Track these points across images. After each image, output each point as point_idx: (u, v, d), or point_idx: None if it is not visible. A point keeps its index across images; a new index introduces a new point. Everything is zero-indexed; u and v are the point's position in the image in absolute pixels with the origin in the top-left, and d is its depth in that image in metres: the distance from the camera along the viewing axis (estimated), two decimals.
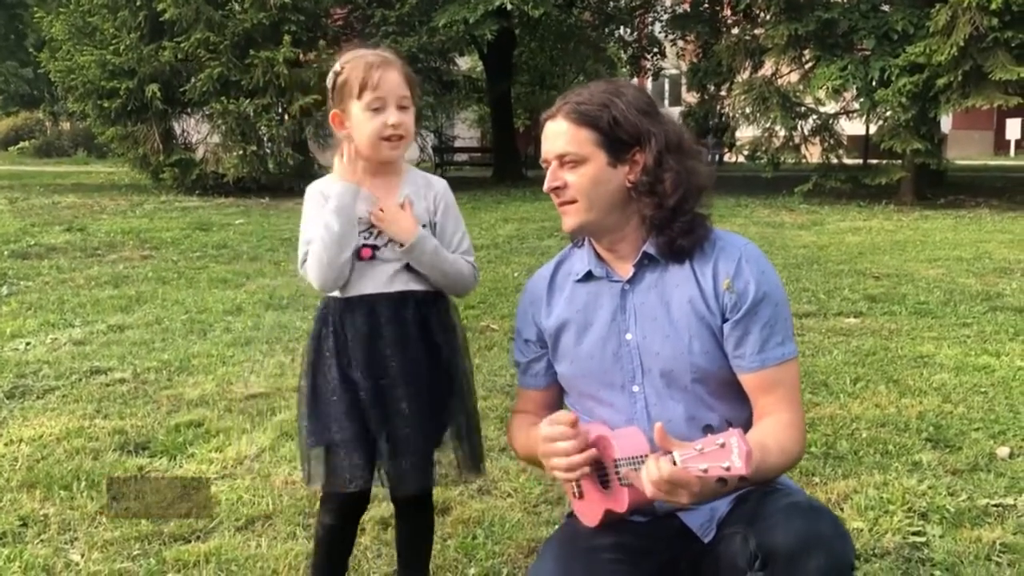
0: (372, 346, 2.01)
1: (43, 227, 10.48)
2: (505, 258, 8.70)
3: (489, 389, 4.22)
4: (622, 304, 1.82)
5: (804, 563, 1.51)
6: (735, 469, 1.41)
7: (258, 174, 15.14)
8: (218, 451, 3.49)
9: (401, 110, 2.00)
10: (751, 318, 1.73)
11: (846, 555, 1.55)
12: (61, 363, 4.76)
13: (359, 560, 2.59)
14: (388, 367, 2.01)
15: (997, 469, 3.18)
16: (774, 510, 1.59)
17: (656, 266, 1.81)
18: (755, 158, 15.92)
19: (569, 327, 1.88)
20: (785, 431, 1.70)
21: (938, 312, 5.87)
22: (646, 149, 1.76)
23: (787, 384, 1.75)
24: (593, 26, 22.58)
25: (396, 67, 2.02)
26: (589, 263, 1.87)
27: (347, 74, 2.00)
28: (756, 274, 1.75)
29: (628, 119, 1.76)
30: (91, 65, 15.11)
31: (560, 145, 1.78)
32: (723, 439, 1.45)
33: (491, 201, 14.99)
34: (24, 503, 3.00)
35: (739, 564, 1.59)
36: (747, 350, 1.73)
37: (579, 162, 1.77)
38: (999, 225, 11.23)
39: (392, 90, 1.99)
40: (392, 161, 2.06)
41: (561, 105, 1.80)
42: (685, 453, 1.47)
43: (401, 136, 2.01)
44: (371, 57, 2.01)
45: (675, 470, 1.47)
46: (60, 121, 36.76)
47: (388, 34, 16.37)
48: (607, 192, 1.78)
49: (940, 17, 12.06)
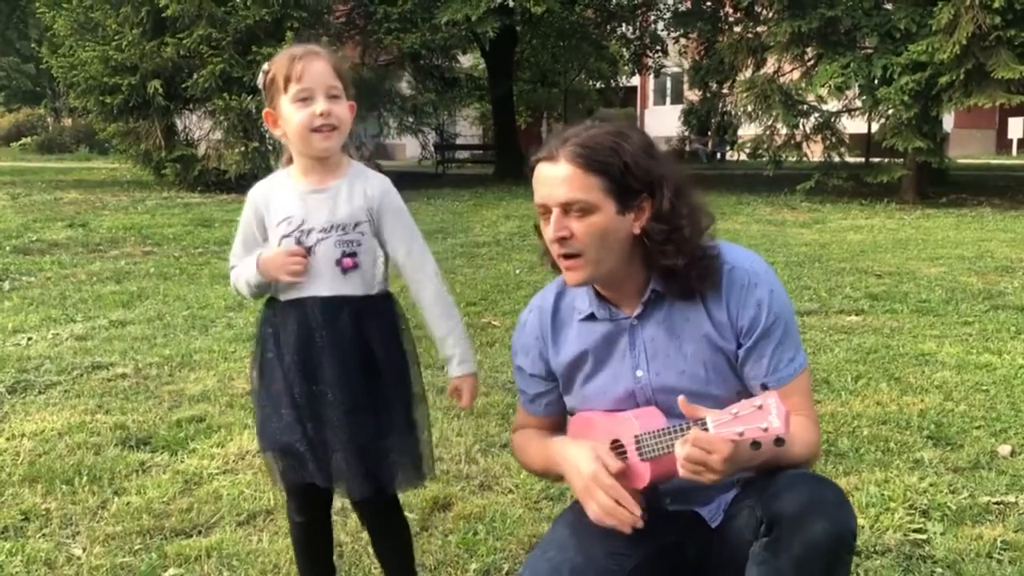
0: (306, 350, 1.96)
1: (45, 223, 10.49)
2: (507, 255, 8.69)
3: (490, 386, 4.22)
4: (631, 341, 1.79)
5: (808, 526, 1.52)
6: (773, 429, 1.40)
7: (260, 170, 15.07)
8: (219, 446, 3.49)
9: (331, 99, 1.92)
10: (765, 341, 1.72)
11: (849, 523, 1.56)
12: (63, 358, 4.76)
13: (359, 555, 2.59)
14: (321, 372, 1.95)
15: (998, 467, 3.18)
16: (780, 479, 1.61)
17: (663, 301, 1.76)
18: (757, 156, 15.92)
19: (580, 365, 1.85)
20: (806, 425, 1.72)
21: (940, 310, 5.86)
22: (657, 196, 1.70)
23: (801, 392, 1.76)
24: (595, 23, 22.57)
25: (322, 57, 1.95)
26: (591, 305, 1.81)
27: (273, 70, 1.95)
28: (766, 296, 1.72)
29: (639, 165, 1.68)
30: (93, 61, 15.11)
31: (565, 192, 1.66)
32: (760, 401, 1.44)
33: (493, 198, 14.99)
34: (26, 498, 3.01)
35: (746, 536, 1.61)
36: (763, 371, 1.73)
37: (588, 211, 1.66)
38: (1001, 224, 11.22)
39: (318, 80, 1.91)
40: (326, 155, 1.96)
41: (559, 147, 1.68)
42: (719, 419, 1.46)
43: (333, 127, 1.93)
44: (296, 50, 1.96)
45: (707, 434, 1.46)
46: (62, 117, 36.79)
47: (390, 31, 16.39)
48: (616, 242, 1.69)
49: (943, 15, 12.04)
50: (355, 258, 1.97)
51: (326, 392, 1.95)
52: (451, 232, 10.47)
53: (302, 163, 2.00)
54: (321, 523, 2.18)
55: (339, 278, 1.96)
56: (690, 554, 1.79)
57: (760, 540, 1.57)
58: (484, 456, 3.36)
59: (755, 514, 1.59)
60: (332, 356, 1.95)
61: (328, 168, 1.99)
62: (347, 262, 1.96)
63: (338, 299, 1.96)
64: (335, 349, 1.95)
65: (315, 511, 2.14)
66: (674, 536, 1.79)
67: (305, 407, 1.97)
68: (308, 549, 2.18)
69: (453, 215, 12.51)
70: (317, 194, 1.98)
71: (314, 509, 2.13)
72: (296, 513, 2.13)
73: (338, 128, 1.94)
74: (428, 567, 2.54)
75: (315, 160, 1.98)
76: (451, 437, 3.54)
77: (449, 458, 3.31)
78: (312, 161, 1.98)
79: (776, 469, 1.63)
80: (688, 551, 1.79)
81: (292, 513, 2.15)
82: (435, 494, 2.95)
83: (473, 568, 2.53)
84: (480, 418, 3.76)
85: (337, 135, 1.94)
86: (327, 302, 1.96)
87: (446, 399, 3.96)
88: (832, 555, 1.54)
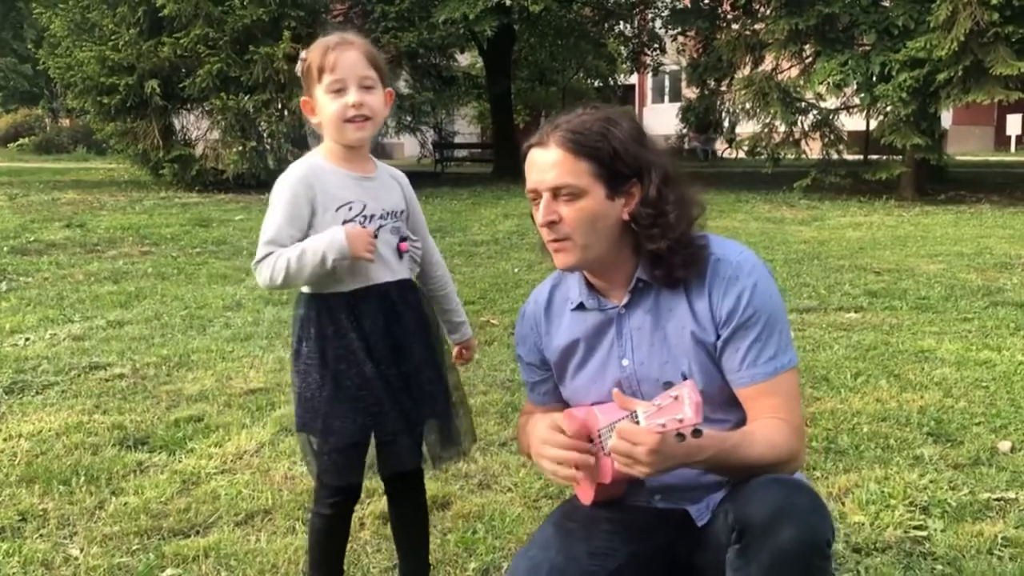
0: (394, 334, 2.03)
1: (43, 223, 10.48)
2: (505, 254, 8.69)
3: (489, 384, 4.21)
4: (618, 330, 1.79)
5: (777, 534, 1.48)
6: (687, 420, 1.38)
7: (258, 170, 15.12)
8: (217, 446, 3.48)
9: (364, 90, 1.94)
10: (742, 334, 1.69)
11: (822, 530, 1.51)
12: (60, 358, 4.75)
13: (359, 555, 2.58)
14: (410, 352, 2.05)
15: (998, 463, 3.18)
16: (755, 484, 1.58)
17: (650, 290, 1.75)
18: (755, 153, 15.92)
19: (571, 354, 1.86)
20: (776, 426, 1.67)
21: (939, 307, 5.86)
22: (646, 181, 1.70)
23: (782, 394, 1.70)
24: (593, 21, 22.58)
25: (356, 47, 1.96)
26: (580, 294, 1.82)
27: (309, 60, 1.97)
28: (748, 289, 1.70)
29: (628, 151, 1.68)
30: (90, 61, 15.09)
31: (555, 176, 1.67)
32: (676, 392, 1.42)
33: (491, 197, 14.99)
34: (23, 498, 3.00)
35: (722, 540, 1.58)
36: (738, 365, 1.70)
37: (577, 195, 1.67)
38: (1000, 220, 11.22)
39: (351, 70, 1.93)
40: (360, 145, 2.01)
41: (550, 132, 1.69)
42: (647, 410, 1.44)
43: (366, 117, 1.95)
44: (331, 39, 1.97)
45: (631, 426, 1.45)
46: (60, 118, 36.77)
47: (387, 29, 16.37)
48: (605, 227, 1.70)
49: (941, 12, 12.04)
50: (407, 242, 2.08)
51: (419, 371, 2.05)
52: (449, 231, 10.47)
53: (339, 151, 2.03)
54: (347, 515, 2.21)
55: (398, 262, 2.05)
56: (679, 553, 1.77)
57: (732, 547, 1.54)
58: (483, 455, 3.35)
59: (728, 519, 1.57)
60: (419, 335, 2.07)
61: (364, 157, 2.05)
62: (403, 246, 2.06)
63: (405, 282, 2.07)
64: (420, 328, 2.08)
65: (347, 506, 2.17)
66: (661, 536, 1.77)
67: (401, 389, 2.03)
68: (330, 542, 2.20)
69: (451, 214, 12.51)
70: (369, 181, 2.03)
71: (347, 503, 2.16)
72: (327, 506, 2.13)
73: (371, 118, 1.97)
74: None
75: (351, 149, 2.01)
76: None
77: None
78: (349, 150, 2.01)
79: (745, 469, 1.60)
80: (677, 551, 1.77)
81: (321, 507, 2.14)
82: (434, 493, 2.94)
83: (472, 567, 2.52)
84: (479, 416, 3.75)
85: (371, 125, 1.98)
86: (402, 285, 2.05)
87: None
88: (803, 563, 1.49)
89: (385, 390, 2.00)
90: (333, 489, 2.10)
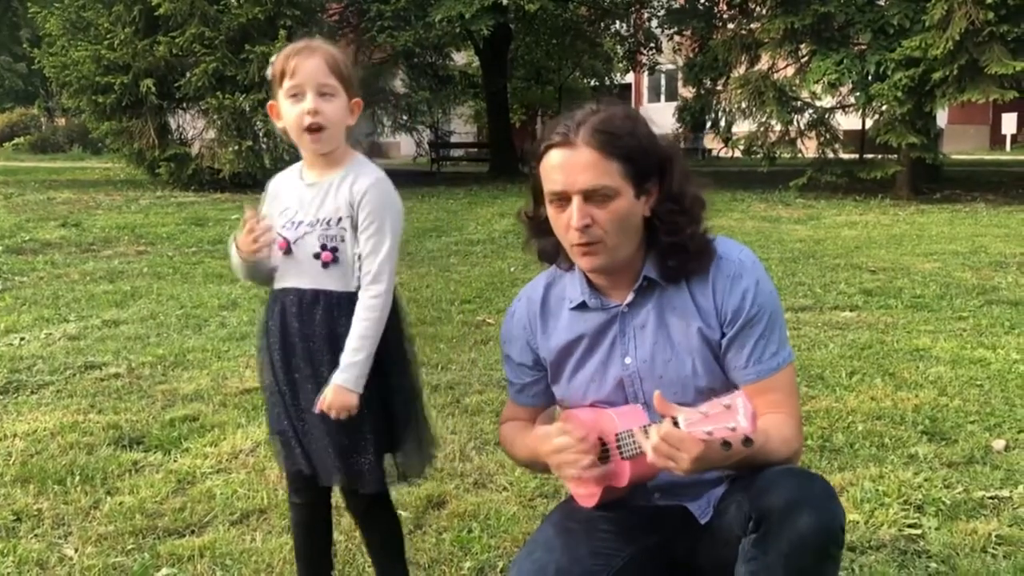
0: (285, 340, 1.99)
1: (38, 223, 10.46)
2: (501, 253, 8.69)
3: (485, 383, 4.21)
4: (621, 328, 1.78)
5: (795, 520, 1.51)
6: (740, 429, 1.40)
7: (254, 169, 15.09)
8: (213, 445, 3.48)
9: (321, 97, 1.90)
10: (748, 331, 1.71)
11: (836, 516, 1.54)
12: (55, 358, 4.74)
13: (354, 554, 2.58)
14: (296, 363, 1.99)
15: (993, 462, 3.18)
16: (767, 475, 1.60)
17: (654, 289, 1.75)
18: (751, 152, 15.93)
19: (569, 354, 1.84)
20: (784, 421, 1.71)
21: (934, 306, 5.87)
22: (667, 176, 1.69)
23: (784, 389, 1.74)
24: (589, 21, 22.58)
25: (320, 54, 1.92)
26: (583, 293, 1.80)
27: (275, 64, 1.97)
28: (752, 286, 1.71)
29: (654, 147, 1.67)
30: (85, 60, 15.07)
31: (589, 178, 1.62)
32: (728, 400, 1.43)
33: (488, 196, 14.99)
34: (18, 498, 2.99)
35: (735, 532, 1.60)
36: (744, 363, 1.72)
37: (610, 197, 1.63)
38: (995, 219, 11.24)
39: (310, 76, 1.90)
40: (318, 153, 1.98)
41: (576, 130, 1.63)
42: (689, 417, 1.46)
43: (320, 126, 1.91)
44: (297, 45, 1.96)
45: (678, 431, 1.46)
46: (55, 117, 36.65)
47: (383, 29, 16.38)
48: (632, 226, 1.68)
49: (936, 11, 12.06)
50: (335, 252, 1.97)
51: (305, 383, 1.99)
52: (446, 230, 10.47)
53: (306, 155, 2.03)
54: (319, 507, 2.19)
55: (319, 272, 1.98)
56: (679, 552, 1.78)
57: (748, 536, 1.56)
58: (478, 454, 3.35)
59: (743, 510, 1.58)
60: (304, 348, 1.98)
61: (329, 162, 2.00)
62: (325, 256, 1.97)
63: (314, 292, 1.98)
64: (307, 342, 1.98)
65: (313, 494, 2.14)
66: (662, 534, 1.78)
67: (289, 395, 2.01)
68: (306, 532, 2.20)
69: (448, 213, 12.50)
70: (312, 188, 2.01)
71: (312, 492, 2.13)
72: (295, 495, 2.16)
73: (326, 128, 1.93)
74: (422, 565, 2.53)
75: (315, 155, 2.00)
76: (445, 435, 3.53)
77: (443, 456, 3.30)
78: (313, 155, 2.01)
79: (757, 466, 1.62)
80: (677, 549, 1.78)
81: (291, 495, 2.17)
82: (429, 492, 2.95)
83: (467, 566, 2.52)
84: (474, 416, 3.76)
85: (326, 137, 1.94)
86: (303, 293, 1.99)
87: (441, 397, 3.97)
88: (820, 549, 1.52)
89: (278, 391, 2.03)
90: (291, 476, 2.13)
